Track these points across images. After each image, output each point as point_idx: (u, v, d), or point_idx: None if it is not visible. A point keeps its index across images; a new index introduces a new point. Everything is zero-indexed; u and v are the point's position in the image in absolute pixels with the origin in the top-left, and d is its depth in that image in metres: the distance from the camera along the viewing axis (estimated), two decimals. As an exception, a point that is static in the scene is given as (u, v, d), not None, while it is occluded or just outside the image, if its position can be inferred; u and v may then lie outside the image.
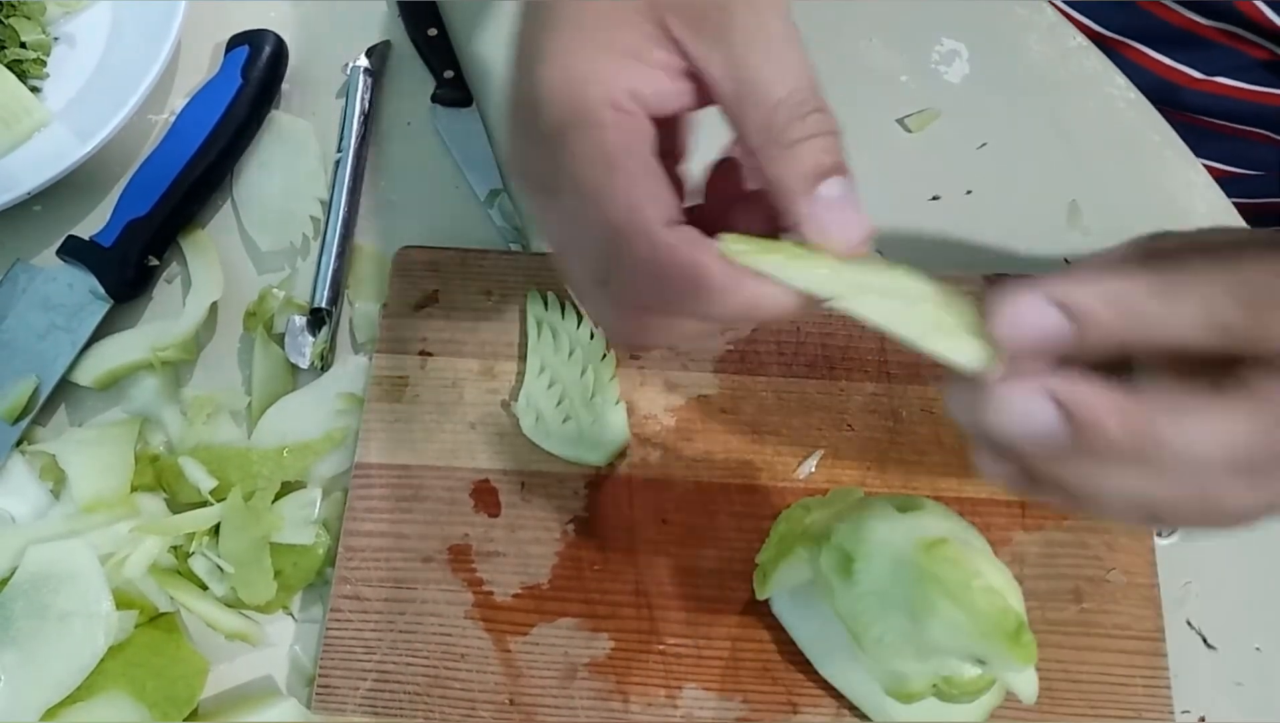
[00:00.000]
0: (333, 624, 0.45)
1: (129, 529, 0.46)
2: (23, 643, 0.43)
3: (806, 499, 0.45)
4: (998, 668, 0.33)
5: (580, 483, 0.47)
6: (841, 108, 0.31)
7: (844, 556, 0.35)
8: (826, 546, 0.35)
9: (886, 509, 0.36)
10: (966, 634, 0.32)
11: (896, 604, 0.33)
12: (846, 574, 0.34)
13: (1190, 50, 0.60)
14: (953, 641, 0.32)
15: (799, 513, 0.43)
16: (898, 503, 0.37)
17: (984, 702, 0.37)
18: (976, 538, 0.37)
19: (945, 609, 0.32)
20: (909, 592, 0.33)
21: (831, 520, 0.37)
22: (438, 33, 0.58)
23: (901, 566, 0.33)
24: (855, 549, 0.34)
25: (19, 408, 0.48)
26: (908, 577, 0.33)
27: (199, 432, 0.49)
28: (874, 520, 0.35)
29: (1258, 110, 0.60)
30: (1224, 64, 0.60)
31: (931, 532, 0.34)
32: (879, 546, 0.34)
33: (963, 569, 0.32)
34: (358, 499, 0.46)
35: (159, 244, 0.52)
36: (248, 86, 0.54)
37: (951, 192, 0.54)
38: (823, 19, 0.58)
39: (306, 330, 0.50)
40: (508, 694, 0.43)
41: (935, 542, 0.33)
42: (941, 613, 0.32)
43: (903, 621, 0.33)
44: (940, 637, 0.32)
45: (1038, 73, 0.57)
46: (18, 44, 0.56)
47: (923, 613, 0.32)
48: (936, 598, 0.32)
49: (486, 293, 0.50)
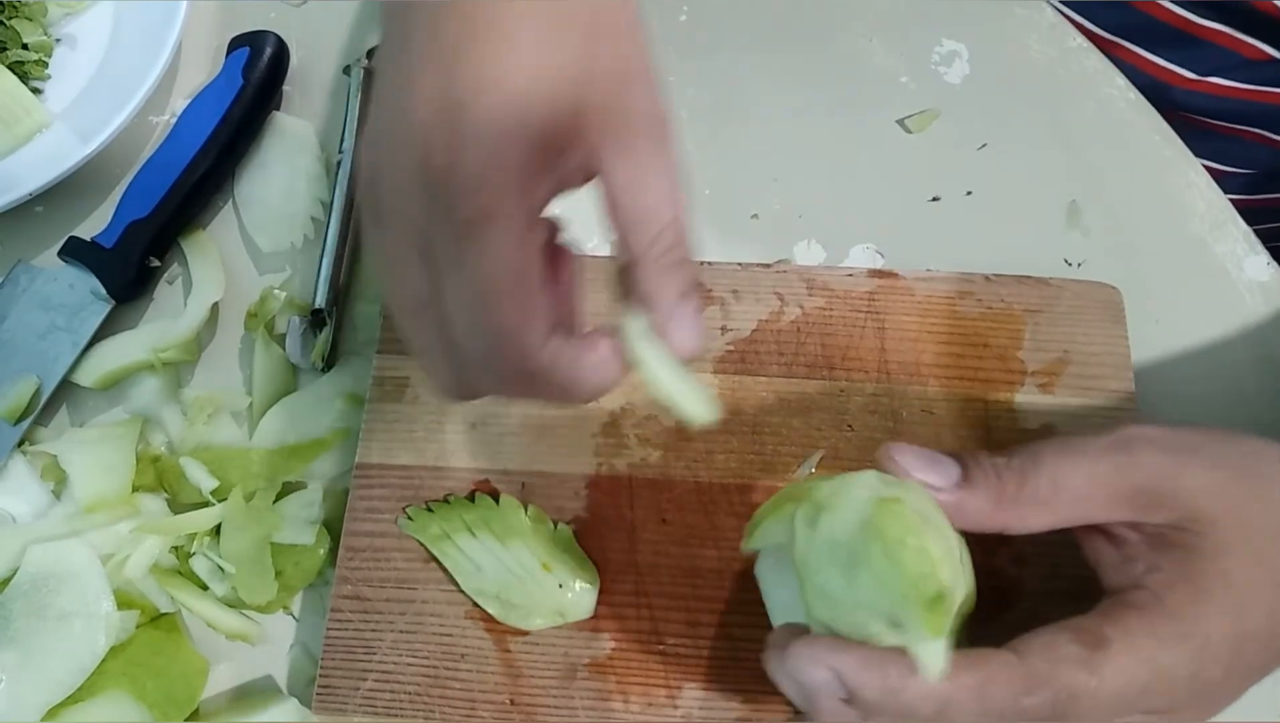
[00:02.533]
0: (333, 624, 0.45)
1: (130, 529, 0.46)
2: (23, 643, 0.43)
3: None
4: (911, 635, 0.32)
5: (580, 483, 0.47)
6: (841, 108, 0.31)
7: (817, 507, 0.35)
8: (807, 500, 0.35)
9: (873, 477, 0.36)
10: (889, 593, 0.32)
11: (841, 555, 0.33)
12: (812, 526, 0.34)
13: (1183, 50, 0.60)
14: (876, 598, 0.32)
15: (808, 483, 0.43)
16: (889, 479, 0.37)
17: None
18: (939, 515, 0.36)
19: (877, 563, 0.32)
20: (854, 543, 0.33)
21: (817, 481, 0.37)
22: (438, 34, 0.58)
23: (857, 518, 0.33)
24: (827, 502, 0.34)
25: (20, 408, 0.48)
26: (857, 528, 0.33)
27: (200, 432, 0.49)
28: (857, 484, 0.35)
29: (1251, 109, 0.61)
30: (1218, 63, 0.60)
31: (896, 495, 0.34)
32: (848, 500, 0.34)
33: (903, 526, 0.32)
34: (359, 499, 0.46)
35: (160, 245, 0.52)
36: (249, 88, 0.54)
37: (951, 192, 0.54)
38: (823, 19, 0.58)
39: (307, 331, 0.50)
40: (508, 694, 0.43)
41: (890, 499, 0.33)
42: (873, 566, 0.32)
43: (842, 573, 0.33)
44: (867, 592, 0.32)
45: (1038, 73, 0.57)
46: (19, 45, 0.56)
47: (858, 564, 0.32)
48: (873, 550, 0.32)
49: (487, 293, 0.50)
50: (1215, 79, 0.60)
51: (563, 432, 0.48)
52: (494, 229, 0.30)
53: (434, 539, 0.45)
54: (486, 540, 0.45)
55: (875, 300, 0.49)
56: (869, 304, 0.49)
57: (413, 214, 0.31)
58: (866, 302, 0.49)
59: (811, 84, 0.57)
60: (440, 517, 0.45)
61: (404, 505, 0.46)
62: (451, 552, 0.45)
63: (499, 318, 0.31)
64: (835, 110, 0.56)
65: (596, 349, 0.33)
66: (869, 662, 0.32)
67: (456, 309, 0.32)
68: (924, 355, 0.48)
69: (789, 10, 0.59)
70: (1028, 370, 0.48)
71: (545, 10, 0.31)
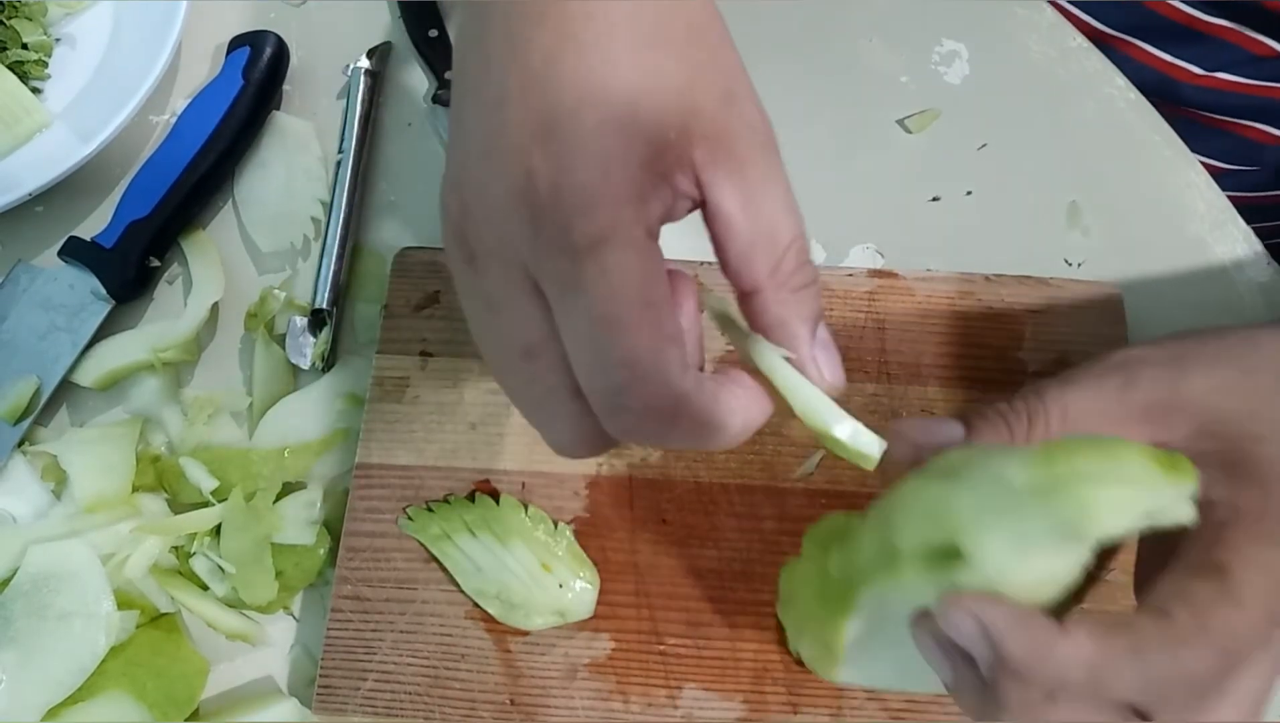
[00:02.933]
0: (334, 625, 0.45)
1: (130, 530, 0.46)
2: (23, 643, 0.43)
3: (791, 562, 0.43)
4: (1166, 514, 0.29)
5: (580, 483, 0.47)
6: (841, 108, 0.31)
7: (936, 553, 0.31)
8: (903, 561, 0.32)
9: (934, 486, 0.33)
10: (1133, 503, 0.29)
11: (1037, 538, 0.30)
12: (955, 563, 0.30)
13: (1191, 46, 0.60)
14: (1120, 518, 0.29)
15: (808, 571, 0.40)
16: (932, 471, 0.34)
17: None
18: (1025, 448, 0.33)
19: (1103, 496, 0.29)
20: (1046, 517, 0.29)
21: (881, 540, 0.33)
22: (438, 33, 0.58)
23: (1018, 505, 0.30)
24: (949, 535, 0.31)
25: (20, 408, 0.48)
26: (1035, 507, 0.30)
27: (200, 432, 0.49)
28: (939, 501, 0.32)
29: (1258, 104, 0.61)
30: (1225, 59, 0.60)
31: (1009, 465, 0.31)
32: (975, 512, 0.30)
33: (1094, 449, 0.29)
34: (359, 499, 0.46)
35: (160, 245, 0.52)
36: (249, 87, 0.54)
37: (951, 192, 0.54)
38: (823, 19, 0.58)
39: (307, 331, 0.50)
40: (508, 694, 0.43)
41: (1047, 452, 0.30)
42: (1101, 502, 0.29)
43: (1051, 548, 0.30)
44: (1109, 521, 0.29)
45: (1038, 73, 0.57)
46: (19, 45, 0.56)
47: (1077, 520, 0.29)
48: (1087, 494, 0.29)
49: (487, 293, 0.50)
50: (1222, 74, 0.60)
51: (563, 432, 0.48)
52: (615, 249, 0.27)
53: (434, 539, 0.45)
54: (486, 541, 0.45)
55: (875, 300, 0.49)
56: (869, 304, 0.49)
57: (517, 246, 0.29)
58: (866, 302, 0.49)
59: (811, 84, 0.57)
60: (440, 517, 0.45)
61: (404, 506, 0.46)
62: (451, 552, 0.45)
63: (632, 343, 0.28)
64: (835, 110, 0.56)
65: (741, 382, 0.30)
66: (1020, 617, 0.29)
67: (580, 344, 0.28)
68: (924, 355, 0.48)
69: (789, 10, 0.58)
70: (1028, 370, 0.48)
71: (641, 20, 0.29)
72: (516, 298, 0.29)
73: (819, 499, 0.46)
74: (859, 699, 0.43)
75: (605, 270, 0.27)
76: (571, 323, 0.28)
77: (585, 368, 0.29)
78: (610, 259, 0.27)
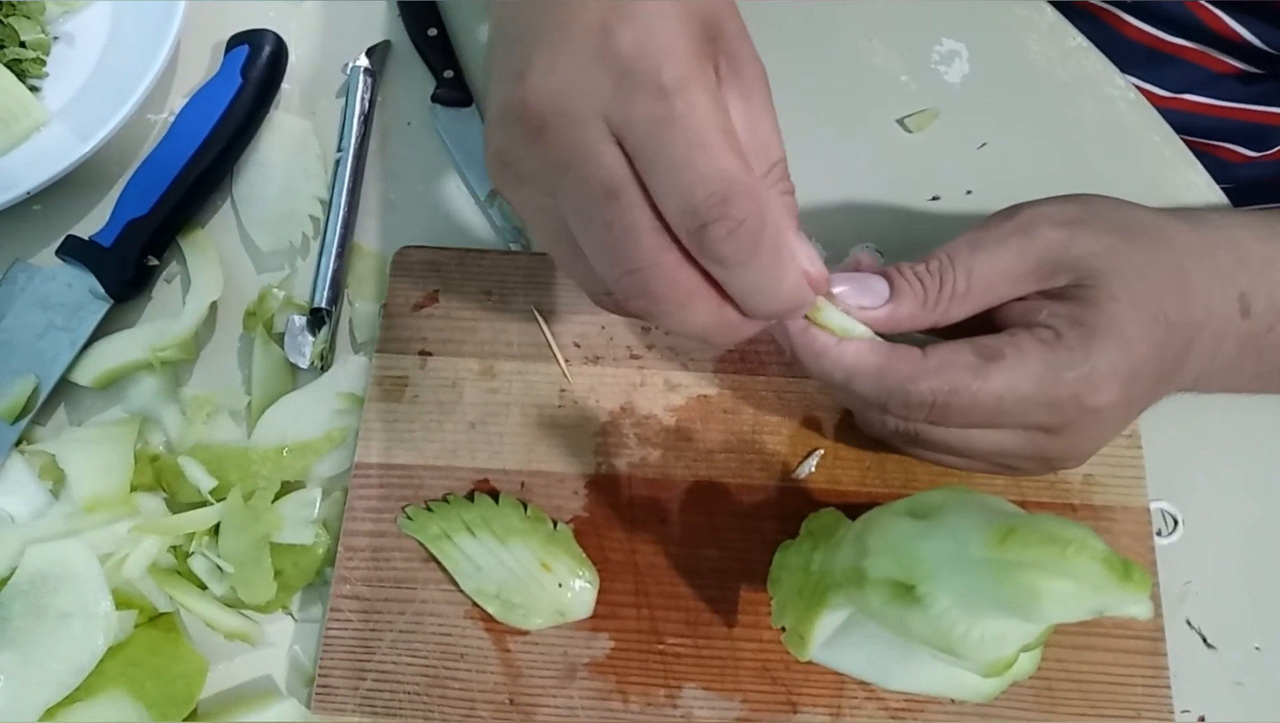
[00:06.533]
0: (332, 624, 0.45)
1: (128, 529, 0.46)
2: (22, 643, 0.43)
3: (786, 543, 0.44)
4: (1117, 610, 0.32)
5: (580, 483, 0.47)
6: (841, 108, 0.31)
7: (897, 587, 0.34)
8: (868, 585, 0.34)
9: (906, 523, 0.36)
10: (1080, 600, 0.31)
11: (985, 606, 0.32)
12: (911, 602, 0.33)
13: (1155, 69, 0.61)
14: (1067, 610, 0.31)
15: (795, 560, 0.42)
16: (908, 509, 0.37)
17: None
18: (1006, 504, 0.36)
19: (1050, 587, 0.31)
20: (997, 590, 0.32)
21: (854, 558, 0.36)
22: (438, 33, 0.58)
23: (974, 570, 0.32)
24: (909, 575, 0.33)
25: (18, 407, 0.48)
26: (988, 578, 0.32)
27: (198, 431, 0.49)
28: (908, 540, 0.34)
29: (1226, 126, 0.61)
30: (1189, 80, 0.61)
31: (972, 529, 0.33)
32: (934, 563, 0.33)
33: (1047, 545, 0.31)
34: (358, 499, 0.46)
35: (158, 244, 0.52)
36: (247, 86, 0.54)
37: (951, 192, 0.54)
38: (823, 19, 0.58)
39: (306, 330, 0.50)
40: (507, 694, 0.43)
41: (1003, 532, 0.32)
42: (1047, 592, 0.31)
43: (999, 617, 0.32)
44: (1054, 611, 0.31)
45: (1038, 73, 0.57)
46: (17, 43, 0.56)
47: (1024, 602, 0.31)
48: (1036, 582, 0.31)
49: (486, 293, 0.50)
50: (1188, 95, 0.61)
51: (562, 431, 0.48)
52: (699, 90, 0.32)
53: (433, 539, 0.45)
54: (486, 540, 0.44)
55: (875, 300, 0.49)
56: (869, 304, 0.49)
57: (600, 100, 0.32)
58: (866, 301, 0.49)
59: (811, 84, 0.57)
60: (440, 516, 0.45)
61: (403, 505, 0.46)
62: (451, 551, 0.45)
63: (726, 162, 0.31)
64: (835, 110, 0.56)
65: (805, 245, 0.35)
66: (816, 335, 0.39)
67: (674, 172, 0.32)
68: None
69: (789, 10, 0.58)
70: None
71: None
72: (598, 145, 0.32)
73: (819, 499, 0.46)
74: (858, 699, 0.43)
75: (693, 105, 0.31)
76: (666, 153, 0.32)
77: (681, 192, 0.32)
78: (697, 97, 0.32)
